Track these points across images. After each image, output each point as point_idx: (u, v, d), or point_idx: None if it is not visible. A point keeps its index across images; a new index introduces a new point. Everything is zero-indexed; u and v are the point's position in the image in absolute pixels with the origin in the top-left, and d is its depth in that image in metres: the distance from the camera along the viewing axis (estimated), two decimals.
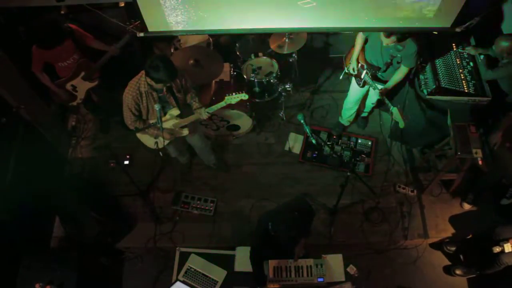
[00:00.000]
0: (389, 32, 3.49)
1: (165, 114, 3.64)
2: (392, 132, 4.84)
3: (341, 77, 4.35)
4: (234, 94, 3.50)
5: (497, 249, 3.62)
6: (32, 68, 4.03)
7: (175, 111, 3.65)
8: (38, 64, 4.01)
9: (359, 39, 3.94)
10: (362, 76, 3.99)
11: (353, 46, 4.06)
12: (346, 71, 4.21)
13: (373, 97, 4.33)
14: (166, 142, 3.86)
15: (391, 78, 3.88)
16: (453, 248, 4.23)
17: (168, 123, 3.73)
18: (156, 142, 3.71)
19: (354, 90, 4.38)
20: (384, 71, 3.93)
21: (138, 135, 3.88)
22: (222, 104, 3.56)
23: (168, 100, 3.56)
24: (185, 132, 3.87)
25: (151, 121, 3.66)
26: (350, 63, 4.10)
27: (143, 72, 3.34)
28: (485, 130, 3.96)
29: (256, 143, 4.99)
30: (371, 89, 4.14)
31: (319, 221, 4.36)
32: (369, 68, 3.96)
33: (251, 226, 4.32)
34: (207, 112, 3.61)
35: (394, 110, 3.65)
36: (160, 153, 3.83)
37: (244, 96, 3.52)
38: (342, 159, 4.67)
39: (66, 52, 4.03)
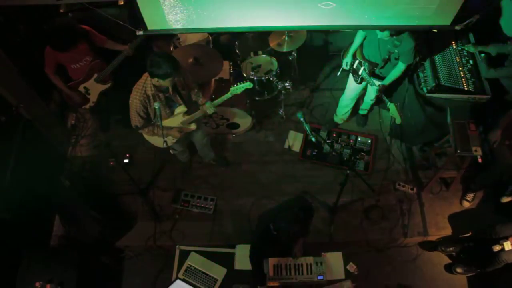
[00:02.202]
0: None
1: (172, 113, 3.66)
2: (391, 130, 4.84)
3: (339, 73, 4.35)
4: (238, 84, 3.53)
5: (497, 248, 3.62)
6: (45, 70, 4.03)
7: (182, 108, 3.66)
8: (51, 65, 4.01)
9: (359, 35, 3.94)
10: (359, 73, 3.99)
11: (351, 42, 4.06)
12: (344, 67, 4.21)
13: (372, 93, 4.33)
14: (175, 140, 3.89)
15: (389, 74, 3.89)
16: (449, 249, 4.23)
17: (176, 121, 3.74)
18: (165, 141, 3.73)
19: (351, 87, 4.38)
20: (382, 67, 3.93)
21: (146, 136, 3.88)
22: (228, 95, 3.59)
23: (174, 99, 3.58)
24: (193, 126, 3.87)
25: (158, 123, 3.67)
26: (345, 57, 4.11)
27: (146, 75, 3.35)
28: (485, 128, 3.96)
29: (256, 141, 4.99)
30: (369, 85, 4.14)
31: (319, 219, 4.36)
32: (367, 64, 3.96)
33: (251, 224, 4.34)
34: (213, 106, 3.63)
35: (391, 106, 3.66)
36: (171, 151, 3.87)
37: (248, 85, 3.55)
38: (342, 157, 4.67)
39: (80, 54, 4.02)
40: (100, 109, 4.88)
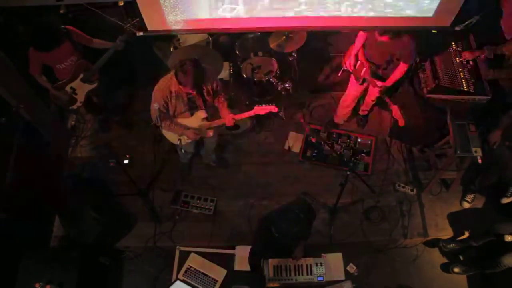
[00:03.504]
0: (382, 31, 3.50)
1: (192, 114, 3.69)
2: (391, 131, 4.84)
3: (339, 74, 4.35)
4: (264, 105, 3.53)
5: (509, 238, 3.58)
6: (29, 71, 4.02)
7: (203, 113, 3.68)
8: (35, 66, 4.00)
9: (360, 36, 3.94)
10: (361, 73, 3.99)
11: (353, 43, 4.06)
12: (345, 68, 4.21)
13: (373, 94, 4.33)
14: (189, 140, 3.91)
15: (390, 75, 3.89)
16: (449, 246, 4.22)
17: (194, 123, 3.76)
18: (180, 139, 3.77)
19: (353, 88, 4.38)
20: (385, 68, 3.93)
21: (163, 130, 3.89)
22: (250, 113, 3.61)
23: (196, 102, 3.61)
24: (211, 133, 3.91)
25: (178, 120, 3.71)
26: (348, 59, 4.11)
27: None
28: (485, 129, 3.96)
29: (256, 142, 4.99)
30: (370, 86, 4.14)
31: (319, 220, 4.35)
32: (369, 65, 3.96)
33: (251, 225, 4.33)
34: (234, 119, 3.65)
35: (394, 108, 3.66)
36: (183, 150, 3.91)
37: (273, 109, 3.54)
38: (342, 158, 4.67)
39: (64, 54, 4.01)
40: (97, 109, 4.89)
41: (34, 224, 4.14)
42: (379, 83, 3.90)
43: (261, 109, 3.54)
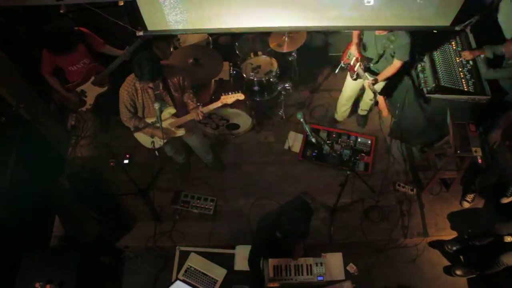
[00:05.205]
0: None
1: (161, 112, 3.61)
2: (391, 130, 4.84)
3: (336, 71, 4.36)
4: (230, 93, 3.48)
5: (508, 239, 3.58)
6: (41, 72, 4.04)
7: (171, 110, 3.61)
8: (48, 67, 4.02)
9: (355, 32, 3.95)
10: (355, 69, 3.99)
11: (350, 41, 4.07)
12: (343, 65, 4.21)
13: (371, 92, 4.33)
14: (161, 141, 3.84)
15: (384, 70, 3.89)
16: (454, 248, 4.22)
17: (164, 122, 3.69)
18: (153, 142, 3.70)
19: (349, 85, 4.40)
20: (376, 62, 3.93)
21: (135, 134, 3.86)
22: (218, 104, 3.53)
23: (164, 98, 3.52)
24: (181, 132, 3.82)
25: (147, 119, 3.64)
26: (349, 54, 4.12)
27: None
28: (485, 129, 3.96)
29: (256, 142, 4.99)
30: (365, 81, 4.14)
31: (319, 220, 4.36)
32: (362, 59, 3.96)
33: (251, 225, 4.33)
34: (202, 112, 3.55)
35: (380, 99, 3.65)
36: (156, 152, 3.80)
37: (240, 96, 3.49)
38: (342, 158, 4.67)
39: (77, 56, 4.03)
40: (100, 110, 4.88)
41: (34, 224, 4.14)
42: (370, 78, 3.90)
43: (228, 98, 3.47)
